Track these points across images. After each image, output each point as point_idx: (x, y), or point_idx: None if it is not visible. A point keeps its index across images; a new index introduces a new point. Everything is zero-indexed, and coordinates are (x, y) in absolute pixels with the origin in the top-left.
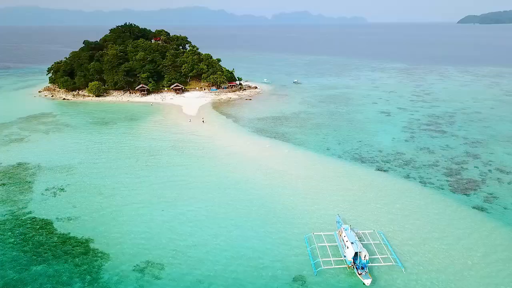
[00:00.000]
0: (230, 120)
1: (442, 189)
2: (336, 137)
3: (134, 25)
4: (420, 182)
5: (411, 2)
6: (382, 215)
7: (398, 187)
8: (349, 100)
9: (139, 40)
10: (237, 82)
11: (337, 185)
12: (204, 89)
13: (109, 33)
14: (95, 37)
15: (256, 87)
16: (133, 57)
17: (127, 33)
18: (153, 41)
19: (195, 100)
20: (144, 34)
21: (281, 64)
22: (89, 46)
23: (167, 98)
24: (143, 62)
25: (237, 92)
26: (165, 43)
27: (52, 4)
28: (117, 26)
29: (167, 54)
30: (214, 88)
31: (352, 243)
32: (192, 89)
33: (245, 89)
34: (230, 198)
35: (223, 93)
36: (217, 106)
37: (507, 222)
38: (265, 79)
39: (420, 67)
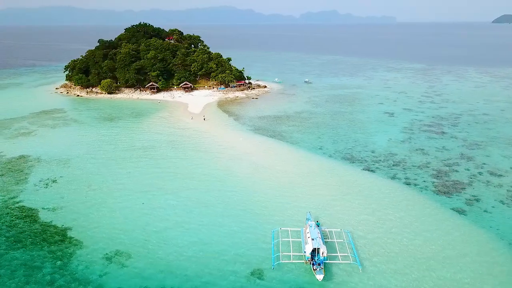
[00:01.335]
0: (231, 119)
1: (426, 190)
2: (332, 137)
3: (148, 24)
4: (404, 182)
5: (444, 1)
6: (355, 213)
7: (380, 186)
8: (356, 100)
9: (151, 39)
10: (246, 81)
11: (319, 183)
12: (213, 88)
13: (124, 32)
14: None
15: (265, 86)
16: (145, 55)
17: (141, 32)
18: (166, 40)
19: (202, 98)
20: (158, 33)
21: (297, 63)
22: (103, 44)
23: (176, 96)
24: (154, 60)
25: (245, 91)
26: (178, 42)
27: (85, 5)
28: (132, 26)
29: (177, 53)
30: (222, 86)
31: (312, 239)
32: (201, 87)
33: (253, 88)
34: (213, 190)
35: (231, 92)
36: (222, 104)
37: (475, 220)
38: (276, 78)
39: (438, 68)
